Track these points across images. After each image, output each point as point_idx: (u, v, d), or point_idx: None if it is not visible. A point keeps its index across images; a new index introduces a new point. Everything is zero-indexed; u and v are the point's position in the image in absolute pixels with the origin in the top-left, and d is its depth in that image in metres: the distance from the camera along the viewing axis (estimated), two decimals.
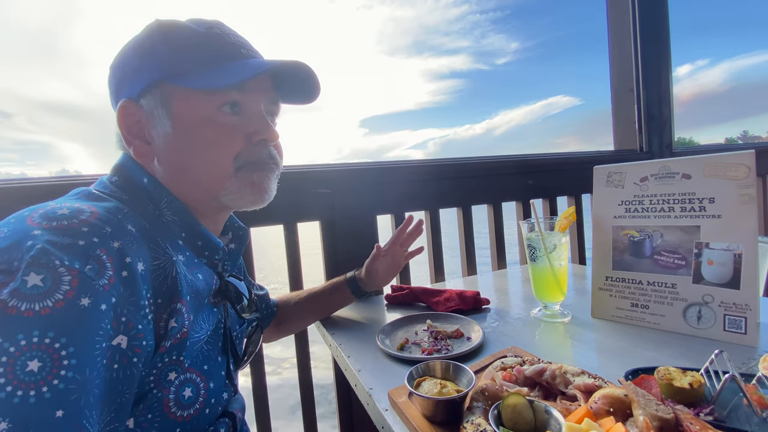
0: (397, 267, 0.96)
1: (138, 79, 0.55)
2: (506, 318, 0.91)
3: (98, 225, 0.43)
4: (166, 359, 0.48)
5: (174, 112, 0.55)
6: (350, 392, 1.23)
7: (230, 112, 0.57)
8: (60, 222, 0.42)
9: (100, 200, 0.50)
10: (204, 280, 0.56)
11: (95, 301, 0.39)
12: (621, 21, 1.86)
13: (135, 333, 0.42)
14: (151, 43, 0.55)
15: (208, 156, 0.56)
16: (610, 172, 0.86)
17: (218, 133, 0.56)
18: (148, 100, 0.55)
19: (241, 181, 0.58)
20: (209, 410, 0.55)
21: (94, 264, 0.40)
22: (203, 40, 0.55)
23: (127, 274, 0.43)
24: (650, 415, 0.41)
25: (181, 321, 0.49)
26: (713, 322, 0.72)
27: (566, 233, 0.88)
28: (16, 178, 0.94)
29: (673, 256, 0.77)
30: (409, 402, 0.57)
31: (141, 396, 0.46)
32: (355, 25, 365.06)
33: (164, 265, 0.49)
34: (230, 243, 0.69)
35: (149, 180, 0.56)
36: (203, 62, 0.55)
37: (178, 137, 0.55)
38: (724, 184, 0.71)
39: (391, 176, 1.34)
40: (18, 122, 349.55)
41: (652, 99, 1.84)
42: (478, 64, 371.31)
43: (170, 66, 0.54)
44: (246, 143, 0.58)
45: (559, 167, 1.68)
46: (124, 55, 0.56)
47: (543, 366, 0.55)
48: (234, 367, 0.64)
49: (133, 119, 0.56)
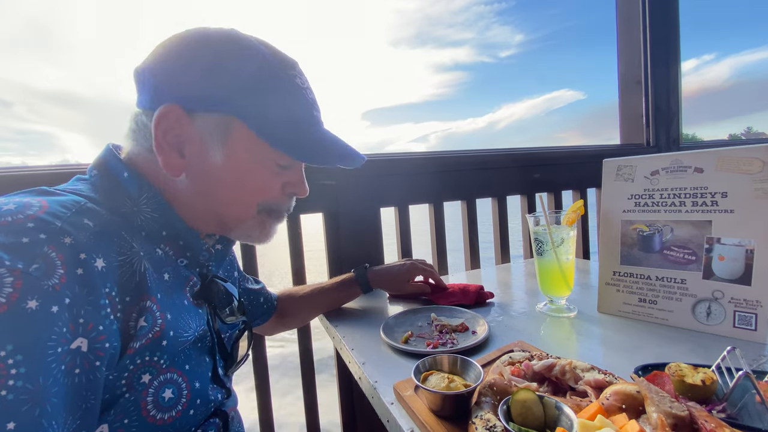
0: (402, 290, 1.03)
1: (199, 93, 0.50)
2: (511, 312, 0.91)
3: (46, 220, 0.40)
4: (138, 361, 0.45)
5: (231, 144, 0.52)
6: (352, 384, 1.23)
7: (281, 170, 0.58)
8: (4, 218, 0.39)
9: (55, 195, 0.47)
10: (179, 278, 0.54)
11: (44, 303, 0.36)
12: (630, 12, 1.83)
13: (96, 335, 0.39)
14: (223, 62, 0.50)
15: (244, 196, 0.56)
16: (619, 165, 0.85)
17: (264, 179, 0.56)
18: (205, 121, 0.51)
19: (256, 221, 0.59)
20: (194, 411, 0.53)
21: (41, 263, 0.37)
22: (287, 90, 0.54)
23: (83, 271, 0.40)
24: (665, 413, 0.40)
25: (152, 320, 0.46)
26: (723, 318, 0.71)
27: (574, 227, 0.87)
28: (17, 167, 0.93)
29: (683, 251, 0.76)
30: (416, 396, 0.56)
31: (112, 401, 0.44)
32: (358, 15, 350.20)
33: (130, 260, 0.46)
34: (216, 243, 0.65)
35: (130, 175, 0.52)
36: (288, 120, 0.54)
37: (224, 169, 0.53)
38: (738, 178, 0.70)
39: (395, 168, 1.32)
40: (18, 111, 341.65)
41: (660, 92, 1.82)
42: (481, 56, 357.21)
43: (248, 103, 0.51)
44: (279, 192, 0.59)
45: (565, 161, 1.67)
46: (179, 54, 0.51)
47: (552, 361, 0.54)
48: (226, 371, 0.62)
49: (175, 130, 0.51)
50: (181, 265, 0.55)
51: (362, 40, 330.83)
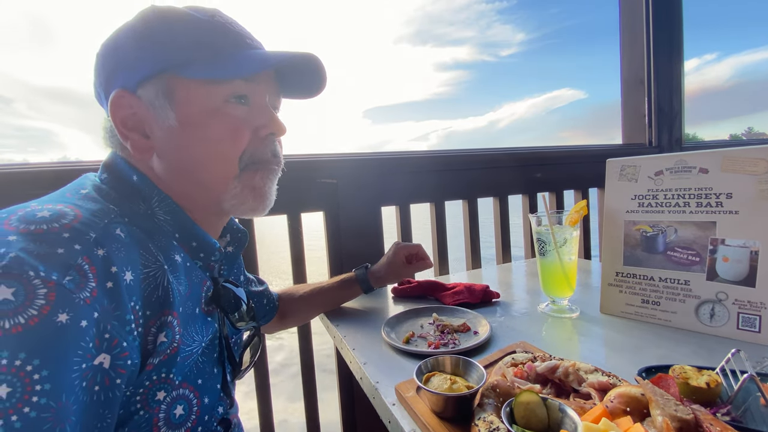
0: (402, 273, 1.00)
1: (135, 68, 0.50)
2: (513, 312, 0.90)
3: (81, 230, 0.39)
4: (155, 377, 0.44)
5: (178, 103, 0.51)
6: (353, 384, 1.23)
7: (238, 103, 0.53)
8: (38, 226, 0.38)
9: (87, 200, 0.46)
10: (194, 285, 0.53)
11: (74, 317, 0.35)
12: (633, 11, 1.82)
13: (119, 351, 0.39)
14: (150, 31, 0.50)
15: (216, 150, 0.52)
16: (623, 165, 0.84)
17: (226, 125, 0.52)
18: (147, 90, 0.51)
19: (243, 184, 0.55)
20: (202, 428, 0.52)
21: (75, 275, 0.36)
22: (207, 28, 0.52)
23: (112, 285, 0.39)
24: (670, 416, 0.40)
25: (171, 335, 0.45)
26: (726, 319, 0.71)
27: (576, 227, 0.86)
28: (19, 164, 0.93)
29: (687, 252, 0.75)
30: (417, 397, 0.56)
31: (126, 418, 0.43)
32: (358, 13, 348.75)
33: (155, 274, 0.45)
34: (228, 246, 0.64)
35: (139, 178, 0.52)
36: (209, 52, 0.51)
37: (182, 131, 0.51)
38: (743, 179, 0.69)
39: (397, 167, 1.32)
40: (18, 108, 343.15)
41: (662, 92, 1.81)
42: (482, 55, 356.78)
43: (173, 55, 0.50)
44: (253, 137, 0.55)
45: (566, 161, 1.66)
46: (115, 42, 0.51)
47: (555, 363, 0.54)
48: (231, 378, 0.61)
49: (128, 111, 0.51)
50: (197, 266, 0.55)
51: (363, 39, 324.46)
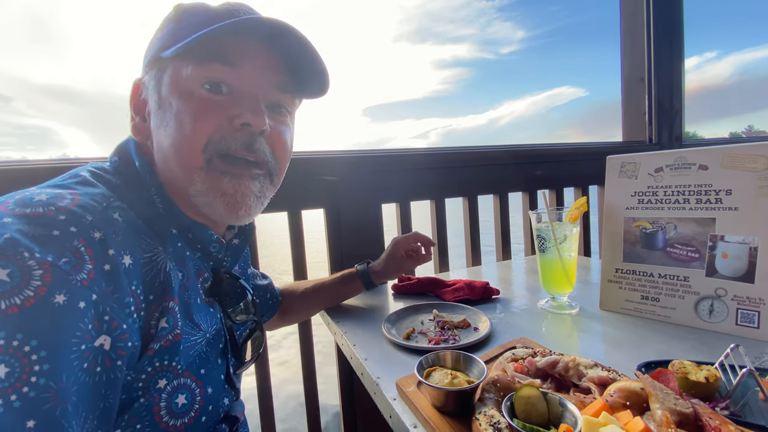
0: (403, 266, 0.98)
1: (146, 56, 0.55)
2: (513, 309, 0.91)
3: (78, 213, 0.40)
4: (157, 364, 0.44)
5: (161, 85, 0.52)
6: (353, 380, 1.24)
7: (214, 89, 0.50)
8: (35, 209, 0.38)
9: (87, 185, 0.46)
10: (192, 275, 0.52)
11: (71, 298, 0.35)
12: (634, 9, 1.81)
13: (119, 333, 0.39)
14: (164, 24, 0.54)
15: (178, 134, 0.49)
16: (623, 162, 0.85)
17: (192, 108, 0.49)
18: (149, 75, 0.54)
19: (210, 184, 0.50)
20: (206, 418, 0.52)
21: (71, 256, 0.36)
22: (211, 14, 0.52)
23: (110, 267, 0.39)
24: (669, 410, 0.40)
25: (173, 321, 0.45)
26: (725, 315, 0.71)
27: (576, 224, 0.87)
28: (18, 161, 0.93)
29: (686, 249, 0.76)
30: (418, 392, 0.56)
31: (127, 404, 0.43)
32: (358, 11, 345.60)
33: (156, 258, 0.45)
34: (234, 238, 0.63)
35: (141, 163, 0.52)
36: (192, 30, 0.49)
37: (158, 113, 0.52)
38: (742, 175, 0.70)
39: (397, 165, 1.32)
40: (17, 106, 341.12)
41: (663, 89, 1.81)
42: (482, 53, 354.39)
43: (167, 39, 0.52)
44: (224, 125, 0.50)
45: (566, 158, 1.66)
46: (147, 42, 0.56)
47: (556, 358, 0.54)
48: (234, 370, 0.60)
49: (137, 96, 0.55)
50: (195, 257, 0.55)
51: (362, 37, 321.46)
